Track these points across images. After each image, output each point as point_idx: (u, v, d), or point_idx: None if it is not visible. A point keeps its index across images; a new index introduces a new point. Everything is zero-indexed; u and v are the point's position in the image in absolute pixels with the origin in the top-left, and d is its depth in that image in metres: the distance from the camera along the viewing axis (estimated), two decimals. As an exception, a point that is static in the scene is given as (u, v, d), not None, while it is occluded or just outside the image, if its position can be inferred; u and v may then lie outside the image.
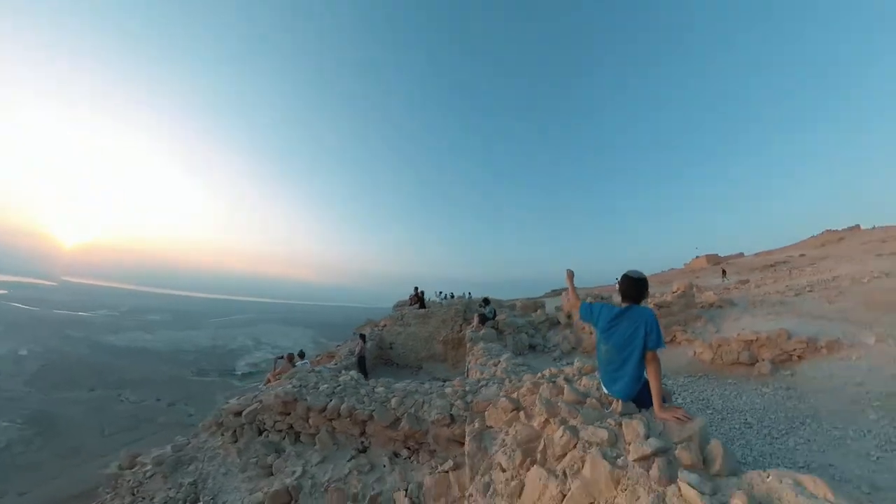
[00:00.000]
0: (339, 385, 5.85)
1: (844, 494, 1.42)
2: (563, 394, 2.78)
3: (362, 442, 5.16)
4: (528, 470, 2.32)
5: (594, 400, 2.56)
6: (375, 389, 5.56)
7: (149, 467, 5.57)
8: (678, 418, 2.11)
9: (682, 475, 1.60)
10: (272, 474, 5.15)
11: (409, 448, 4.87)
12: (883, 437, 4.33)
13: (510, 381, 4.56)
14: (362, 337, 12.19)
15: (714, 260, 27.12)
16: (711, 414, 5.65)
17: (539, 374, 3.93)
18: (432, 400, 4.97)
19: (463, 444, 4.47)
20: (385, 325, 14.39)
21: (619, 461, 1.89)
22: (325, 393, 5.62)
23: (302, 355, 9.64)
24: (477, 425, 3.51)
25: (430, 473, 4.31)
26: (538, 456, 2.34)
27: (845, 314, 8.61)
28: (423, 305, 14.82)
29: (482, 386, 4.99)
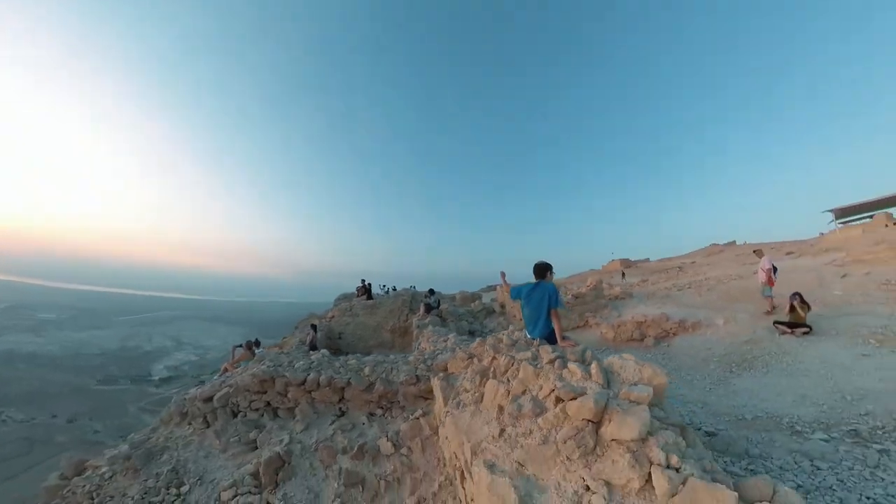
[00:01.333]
0: (314, 361, 6.62)
1: (663, 371, 2.79)
2: (502, 341, 4.06)
3: (340, 408, 6.01)
4: (484, 384, 3.52)
5: (523, 341, 3.88)
6: (348, 362, 6.44)
7: (104, 469, 5.35)
8: (570, 345, 3.49)
9: (570, 364, 2.91)
10: (257, 448, 5.63)
11: (382, 407, 5.84)
12: (715, 377, 6.35)
13: (460, 348, 5.78)
14: (314, 327, 12.63)
15: (626, 263, 31.17)
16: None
17: (482, 339, 5.21)
18: (399, 366, 6.00)
19: (427, 398, 5.56)
20: (333, 317, 14.74)
21: (538, 365, 3.16)
22: (303, 368, 6.36)
23: (258, 344, 10.02)
24: (442, 374, 4.66)
25: (405, 421, 5.34)
26: (490, 374, 3.58)
27: (708, 304, 11.19)
28: (370, 297, 15.40)
29: (438, 353, 6.14)
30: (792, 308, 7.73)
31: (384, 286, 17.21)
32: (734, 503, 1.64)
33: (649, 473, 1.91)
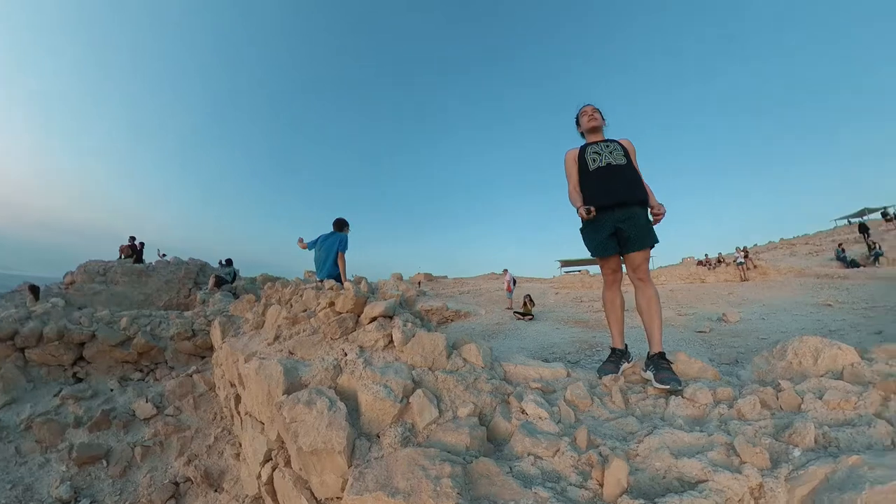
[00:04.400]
0: (36, 311, 4.91)
1: (416, 288, 3.47)
2: (288, 286, 4.19)
3: (76, 373, 4.63)
4: (268, 310, 3.55)
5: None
6: (95, 315, 5.07)
7: None
8: (352, 282, 3.96)
9: (346, 284, 3.36)
10: None
11: (142, 370, 4.83)
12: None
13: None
14: (33, 290, 9.04)
15: (428, 277, 35.01)
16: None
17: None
18: (170, 320, 5.14)
19: (205, 356, 4.96)
20: (73, 283, 10.60)
21: (321, 294, 3.46)
22: (12, 319, 4.63)
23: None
24: (224, 317, 4.33)
25: (174, 379, 4.58)
26: (273, 300, 3.65)
27: (478, 303, 14.04)
28: (139, 260, 11.66)
29: (223, 312, 5.59)
30: (524, 304, 10.79)
31: (164, 254, 12.84)
32: (444, 342, 2.35)
33: (392, 334, 2.47)
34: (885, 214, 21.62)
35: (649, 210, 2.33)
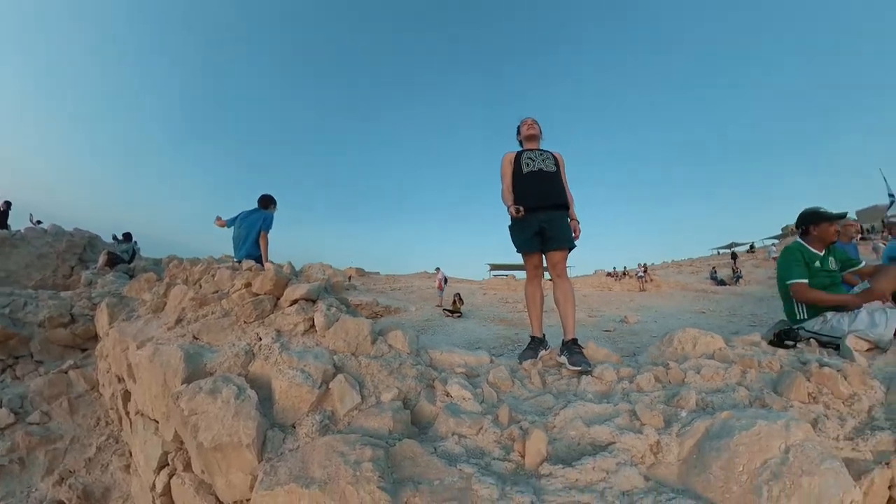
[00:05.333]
0: None
1: (343, 272, 3.29)
2: (198, 264, 3.71)
3: None
4: (171, 290, 3.09)
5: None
6: (-73, 293, 3.96)
7: None
8: (276, 266, 3.65)
9: (266, 265, 3.07)
10: None
11: None
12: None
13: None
14: None
15: (359, 272, 33.98)
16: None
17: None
18: (39, 301, 4.23)
19: (87, 349, 4.15)
20: None
21: (237, 274, 3.10)
22: None
23: None
24: (114, 298, 3.68)
25: (42, 377, 3.73)
26: (179, 280, 3.19)
27: (409, 300, 14.00)
28: (3, 225, 9.05)
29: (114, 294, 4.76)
30: (454, 302, 10.97)
31: (39, 220, 9.92)
32: (369, 327, 2.24)
33: (314, 318, 2.29)
34: (751, 248, 28.34)
35: (569, 220, 2.58)
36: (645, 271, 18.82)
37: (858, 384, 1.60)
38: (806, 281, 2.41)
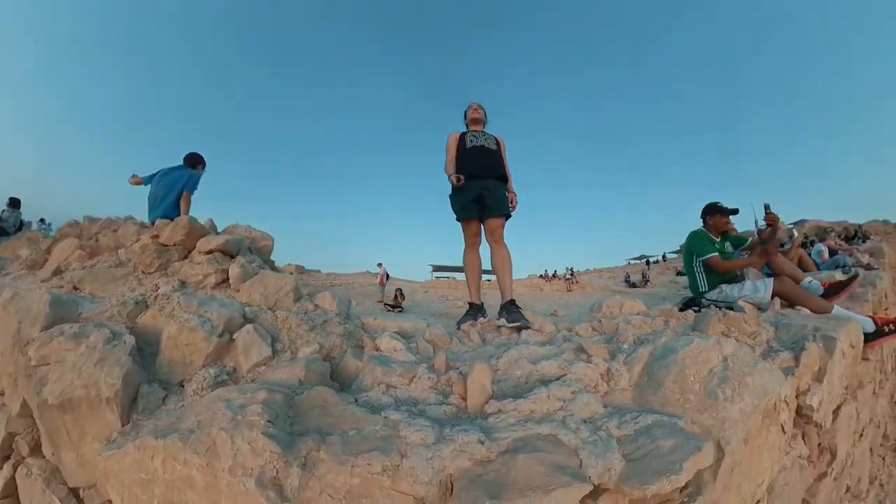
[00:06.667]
0: None
1: (271, 236, 2.90)
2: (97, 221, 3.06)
3: None
4: (54, 247, 2.46)
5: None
6: None
7: None
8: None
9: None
10: None
11: None
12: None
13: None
14: None
15: (299, 269, 32.05)
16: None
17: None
18: None
19: None
20: None
21: (144, 230, 2.58)
22: None
23: None
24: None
25: None
26: (72, 235, 2.56)
27: (349, 295, 13.46)
28: None
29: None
30: (395, 297, 10.75)
31: None
32: (293, 282, 1.94)
33: (228, 270, 1.93)
34: (664, 258, 32.27)
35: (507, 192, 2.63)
36: (572, 274, 20.19)
37: (756, 325, 1.76)
38: (718, 254, 2.71)
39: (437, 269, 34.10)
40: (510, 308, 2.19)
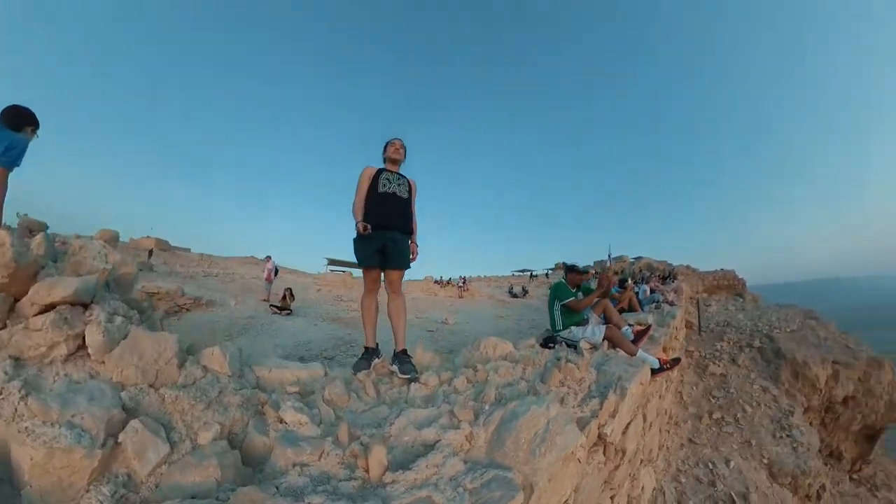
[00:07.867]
0: None
1: (134, 263, 2.51)
2: None
3: None
4: None
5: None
6: None
7: None
8: (16, 236, 2.42)
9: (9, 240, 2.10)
10: None
11: None
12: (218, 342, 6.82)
13: None
14: None
15: (161, 245, 26.63)
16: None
17: None
18: None
19: None
20: None
21: None
22: None
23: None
24: None
25: None
26: None
27: (227, 291, 11.85)
28: None
29: None
30: (284, 298, 9.84)
31: None
32: (174, 345, 1.73)
33: (85, 334, 1.58)
34: (547, 274, 37.50)
35: (410, 243, 2.76)
36: (464, 281, 21.96)
37: (585, 371, 2.41)
38: (574, 299, 3.53)
39: (332, 262, 32.26)
40: (402, 358, 2.42)
